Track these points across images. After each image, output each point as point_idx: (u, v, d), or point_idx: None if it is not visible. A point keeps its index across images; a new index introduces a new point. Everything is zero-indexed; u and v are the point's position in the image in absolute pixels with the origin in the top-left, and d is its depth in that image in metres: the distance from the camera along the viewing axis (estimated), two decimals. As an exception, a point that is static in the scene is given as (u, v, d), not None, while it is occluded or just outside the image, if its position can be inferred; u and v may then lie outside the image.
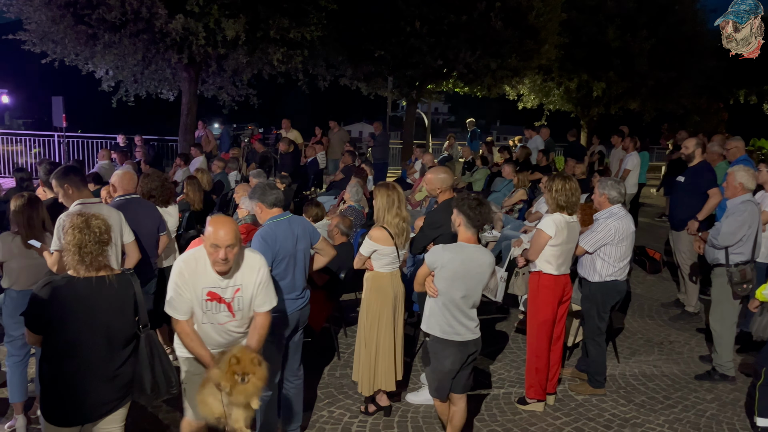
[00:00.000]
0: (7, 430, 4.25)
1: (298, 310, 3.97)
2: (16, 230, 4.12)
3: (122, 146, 13.45)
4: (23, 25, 11.60)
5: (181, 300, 3.15)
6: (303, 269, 4.00)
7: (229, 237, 3.00)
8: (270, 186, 3.92)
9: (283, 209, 3.99)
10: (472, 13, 13.76)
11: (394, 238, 4.23)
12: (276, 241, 3.76)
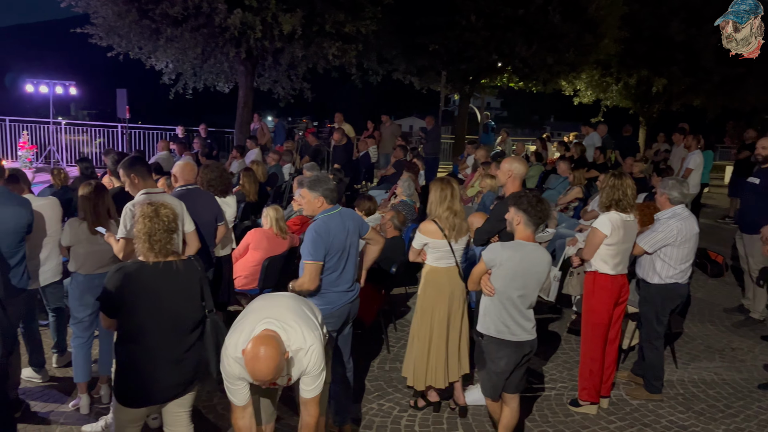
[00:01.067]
0: (72, 408, 4.45)
1: (348, 303, 3.99)
2: (83, 217, 4.29)
3: (181, 137, 13.82)
4: (90, 19, 12.09)
5: (240, 387, 2.91)
6: (354, 262, 4.01)
7: (270, 377, 2.65)
8: (325, 178, 3.94)
9: (335, 202, 4.01)
10: (529, 6, 13.55)
11: (444, 231, 4.18)
12: (329, 234, 3.78)
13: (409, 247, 4.95)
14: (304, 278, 3.74)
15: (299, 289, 3.76)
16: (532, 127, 62.13)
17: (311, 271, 3.72)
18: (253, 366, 2.61)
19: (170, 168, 10.25)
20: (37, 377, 4.81)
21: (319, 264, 3.74)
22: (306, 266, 3.75)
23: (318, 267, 3.74)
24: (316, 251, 3.72)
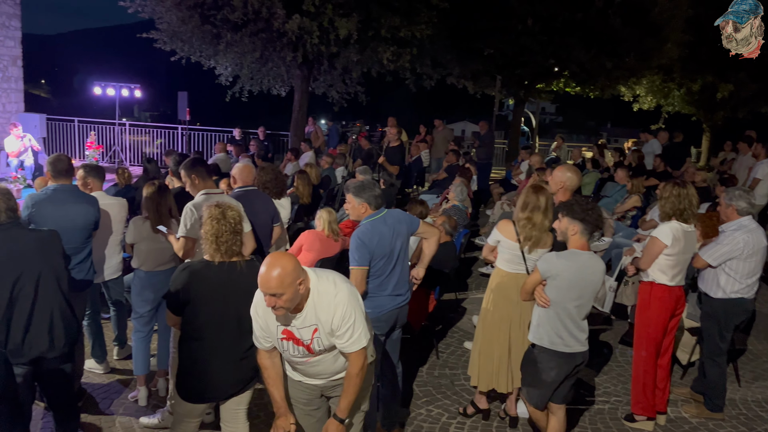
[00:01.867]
0: (131, 399, 4.61)
1: (396, 307, 3.96)
2: (146, 215, 4.46)
3: (238, 140, 14.16)
4: (155, 24, 12.55)
5: (260, 332, 2.92)
6: (402, 266, 3.97)
7: (271, 284, 2.58)
8: (371, 185, 3.93)
9: (380, 207, 3.97)
10: (588, 10, 13.27)
11: (519, 236, 4.11)
12: (373, 240, 3.77)
13: (460, 253, 4.94)
14: (352, 283, 3.76)
15: None
16: (587, 132, 60.69)
17: (357, 277, 3.74)
18: (261, 271, 2.61)
19: (228, 169, 10.53)
20: (99, 368, 5.01)
21: (364, 269, 3.75)
22: (352, 272, 3.76)
23: (363, 272, 3.75)
24: (360, 257, 3.73)
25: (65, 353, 3.48)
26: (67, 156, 4.59)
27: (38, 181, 6.60)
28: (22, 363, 3.31)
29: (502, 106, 30.67)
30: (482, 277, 7.92)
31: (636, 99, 20.32)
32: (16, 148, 11.59)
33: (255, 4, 10.29)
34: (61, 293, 3.43)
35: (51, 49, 78.90)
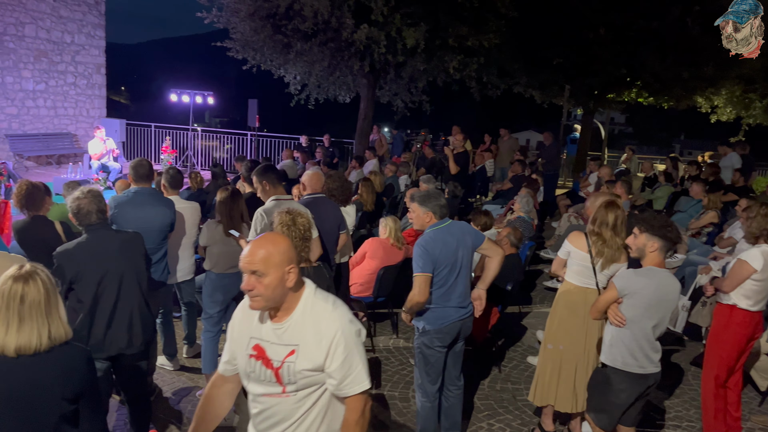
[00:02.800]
0: (198, 396, 4.77)
1: (459, 319, 3.93)
2: (218, 219, 4.61)
3: (305, 146, 14.44)
4: (229, 34, 13.00)
5: (229, 345, 2.37)
6: (465, 277, 3.94)
7: (255, 257, 2.10)
8: (436, 194, 3.94)
9: (445, 217, 3.97)
10: (664, 18, 12.82)
11: (591, 250, 4.01)
12: (436, 248, 3.77)
13: (525, 265, 4.83)
14: (414, 290, 3.77)
15: (410, 303, 3.79)
16: (659, 144, 58.43)
17: (420, 283, 3.74)
18: (247, 247, 2.16)
19: (294, 175, 10.76)
20: (169, 365, 5.21)
21: (427, 276, 3.74)
22: (415, 278, 3.77)
23: (426, 279, 3.74)
24: (424, 263, 3.73)
25: (142, 351, 3.64)
26: (147, 161, 4.81)
27: (119, 183, 6.94)
28: (102, 358, 3.48)
29: (569, 116, 30.02)
30: (547, 291, 7.75)
31: (714, 110, 19.43)
32: (98, 151, 12.24)
33: (325, 14, 10.49)
34: (141, 293, 3.59)
35: (131, 58, 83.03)
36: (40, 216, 4.27)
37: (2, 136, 14.37)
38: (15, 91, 14.75)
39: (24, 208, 4.22)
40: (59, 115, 16.13)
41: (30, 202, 4.20)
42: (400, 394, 4.99)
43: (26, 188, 4.23)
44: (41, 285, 2.21)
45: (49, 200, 4.42)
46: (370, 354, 5.68)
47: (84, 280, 3.38)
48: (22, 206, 4.21)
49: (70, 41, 16.09)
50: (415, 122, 27.98)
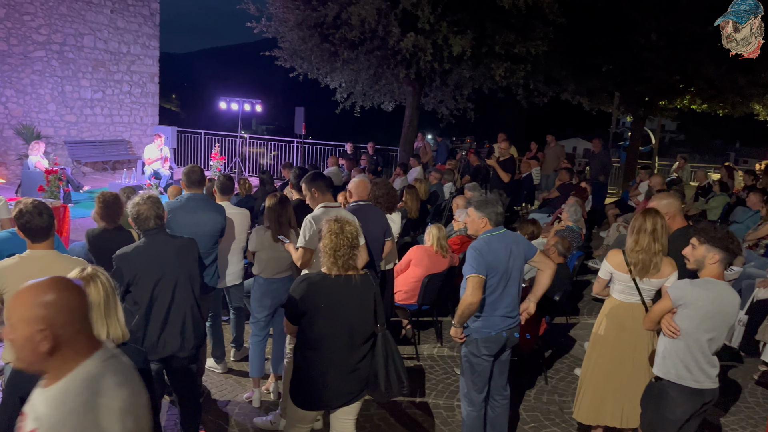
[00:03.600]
0: (245, 400, 4.84)
1: (507, 328, 3.90)
2: (267, 225, 4.69)
3: (350, 154, 14.55)
4: (278, 43, 13.25)
5: None
6: (515, 288, 3.92)
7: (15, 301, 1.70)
8: (495, 201, 3.91)
9: (500, 225, 3.96)
10: (720, 23, 12.41)
11: (629, 266, 3.92)
12: (489, 253, 3.76)
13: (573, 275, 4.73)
14: (466, 292, 3.74)
15: (463, 305, 3.76)
16: (712, 152, 56.47)
17: (473, 284, 3.72)
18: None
19: (339, 182, 10.86)
20: (218, 368, 5.31)
21: (480, 278, 3.72)
22: (468, 280, 3.75)
23: (480, 280, 3.72)
24: (477, 265, 3.72)
25: (193, 354, 3.73)
26: (199, 167, 4.94)
27: (171, 189, 7.13)
28: (155, 359, 3.58)
29: (618, 123, 29.39)
30: (595, 301, 7.58)
31: (771, 117, 18.71)
32: (153, 156, 12.63)
33: (372, 23, 10.58)
34: (194, 297, 3.68)
35: (181, 67, 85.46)
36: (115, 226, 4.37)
37: (62, 142, 14.98)
38: (74, 100, 15.37)
39: (102, 219, 4.32)
40: (115, 122, 16.72)
41: (108, 214, 4.31)
42: (444, 404, 4.96)
43: (107, 199, 4.33)
44: (101, 287, 2.27)
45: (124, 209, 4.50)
46: (413, 362, 5.67)
47: (141, 283, 3.48)
48: (101, 217, 4.32)
49: (126, 51, 16.68)
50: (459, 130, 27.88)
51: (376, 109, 16.01)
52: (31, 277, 3.03)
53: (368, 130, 33.50)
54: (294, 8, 11.89)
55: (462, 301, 3.77)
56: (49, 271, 3.00)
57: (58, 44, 14.70)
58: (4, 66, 13.48)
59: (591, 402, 4.13)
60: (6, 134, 13.79)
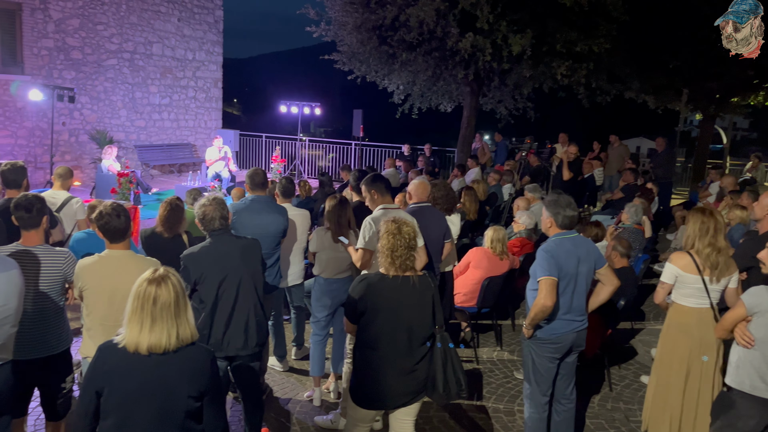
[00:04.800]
0: (306, 398, 4.92)
1: (573, 332, 3.84)
2: (327, 226, 4.75)
3: (407, 155, 14.57)
4: (336, 46, 13.41)
5: None
6: (583, 292, 3.85)
7: None
8: (566, 203, 3.83)
9: (569, 228, 3.88)
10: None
11: (700, 268, 3.77)
12: (558, 256, 3.71)
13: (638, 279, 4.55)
14: (540, 294, 3.68)
15: (536, 308, 3.70)
16: (789, 151, 53.33)
17: (546, 286, 3.67)
18: None
19: (397, 184, 10.89)
20: (279, 366, 5.42)
21: (553, 279, 3.66)
22: (540, 282, 3.70)
23: (553, 282, 3.66)
24: (548, 267, 3.68)
25: (256, 352, 3.82)
26: (262, 170, 5.06)
27: (235, 191, 7.33)
28: (220, 357, 3.69)
29: (686, 122, 28.23)
30: (662, 307, 7.31)
31: None
32: (214, 158, 13.04)
33: (430, 24, 10.56)
34: (257, 297, 3.77)
35: (242, 72, 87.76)
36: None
37: (132, 146, 15.66)
38: (143, 105, 16.03)
39: (163, 224, 4.47)
40: (181, 126, 17.34)
41: (169, 219, 4.46)
42: (505, 408, 4.90)
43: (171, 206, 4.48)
44: (172, 288, 2.35)
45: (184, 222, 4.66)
46: (472, 365, 5.62)
47: (207, 282, 3.60)
48: (162, 222, 4.47)
49: (192, 58, 17.28)
50: (518, 130, 27.47)
51: (433, 111, 15.96)
52: (109, 276, 3.22)
53: (424, 132, 33.47)
54: (353, 11, 12.01)
55: (535, 303, 3.72)
56: (125, 270, 3.17)
57: (129, 52, 15.37)
58: (79, 74, 14.20)
59: (660, 412, 3.99)
60: (81, 139, 14.51)
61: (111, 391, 2.30)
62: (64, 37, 13.73)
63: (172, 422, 2.35)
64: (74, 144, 14.38)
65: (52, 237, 4.66)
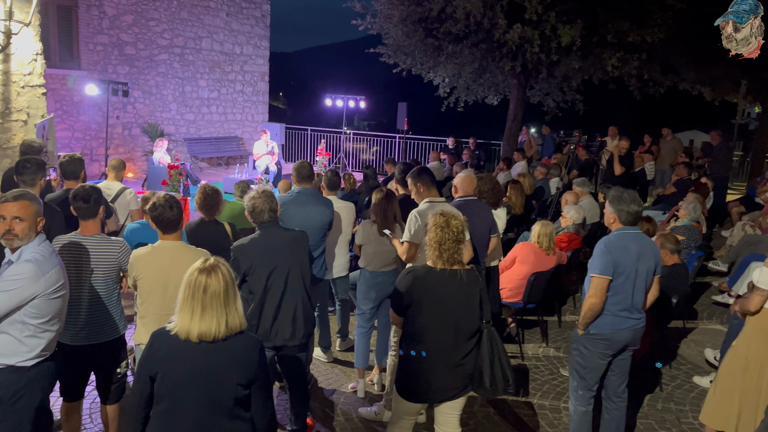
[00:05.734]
0: (350, 390, 4.96)
1: (629, 329, 3.76)
2: (373, 219, 4.76)
3: (451, 149, 14.46)
4: (382, 39, 13.38)
5: None
6: (642, 289, 3.77)
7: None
8: (630, 199, 3.74)
9: (632, 225, 3.79)
10: None
11: None
12: (618, 252, 3.65)
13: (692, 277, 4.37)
14: (589, 292, 3.67)
15: (586, 306, 3.65)
16: None
17: (597, 286, 3.65)
18: None
19: (441, 177, 10.83)
20: (324, 357, 5.48)
21: (605, 279, 3.63)
22: (592, 280, 3.68)
23: (605, 282, 3.64)
24: (603, 265, 3.63)
25: (303, 343, 3.87)
26: (308, 163, 5.10)
27: (282, 184, 7.42)
28: (269, 347, 3.75)
29: (744, 114, 27.11)
30: (716, 305, 7.07)
31: None
32: (261, 152, 13.23)
33: (477, 15, 10.40)
34: (305, 288, 3.82)
35: (288, 65, 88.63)
36: (211, 219, 4.66)
37: (182, 139, 16.04)
38: (192, 99, 16.39)
39: (201, 209, 4.63)
40: (228, 120, 17.66)
41: (207, 206, 4.61)
42: (550, 405, 4.83)
43: (208, 192, 4.62)
44: (221, 278, 2.40)
45: (222, 204, 4.83)
46: (518, 361, 5.56)
47: (256, 273, 3.66)
48: (200, 207, 4.63)
49: (240, 52, 17.56)
50: (566, 122, 26.89)
51: (479, 104, 15.76)
52: (162, 266, 3.30)
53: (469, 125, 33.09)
54: (398, 4, 11.94)
55: (585, 301, 3.67)
56: (177, 260, 3.25)
57: (180, 47, 15.73)
58: (132, 69, 14.61)
59: (721, 409, 3.84)
60: (134, 132, 14.95)
61: (164, 377, 2.37)
62: (118, 33, 14.14)
63: (221, 409, 2.40)
64: (127, 137, 14.82)
65: (107, 227, 4.82)
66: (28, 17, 6.40)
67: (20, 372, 2.79)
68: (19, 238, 2.78)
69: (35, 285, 2.72)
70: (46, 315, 2.81)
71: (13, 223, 2.77)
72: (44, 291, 2.76)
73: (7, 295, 2.68)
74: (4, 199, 2.80)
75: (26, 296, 2.71)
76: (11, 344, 2.76)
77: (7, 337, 2.75)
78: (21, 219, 2.78)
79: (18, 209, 2.78)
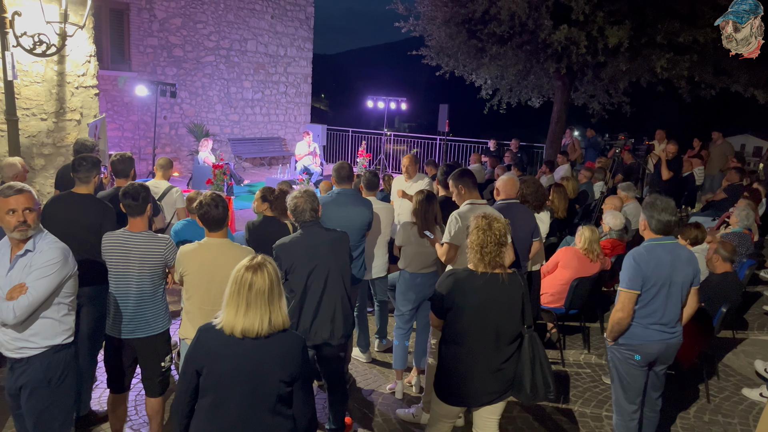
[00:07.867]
0: (388, 391, 4.96)
1: (662, 342, 3.64)
2: (413, 221, 4.76)
3: (492, 151, 14.33)
4: (425, 41, 13.38)
5: None
6: (677, 303, 3.63)
7: None
8: (663, 206, 3.62)
9: (665, 234, 3.67)
10: None
11: None
12: (648, 264, 3.52)
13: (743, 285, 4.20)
14: (616, 306, 3.62)
15: (613, 320, 3.60)
16: None
17: (624, 300, 3.58)
18: None
19: (482, 180, 10.73)
20: (362, 357, 5.50)
21: (633, 293, 3.55)
22: (620, 294, 3.61)
23: (632, 296, 3.56)
24: (631, 279, 3.54)
25: (342, 342, 3.89)
26: (348, 164, 5.13)
27: (323, 184, 7.48)
28: (309, 346, 3.78)
29: (800, 118, 25.98)
30: (766, 316, 6.82)
31: None
32: (303, 152, 13.37)
33: (522, 16, 10.29)
34: (344, 288, 3.84)
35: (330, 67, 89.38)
36: (272, 217, 4.76)
37: (226, 139, 16.35)
38: (237, 100, 16.70)
39: (273, 209, 4.81)
40: (272, 121, 17.93)
41: (281, 206, 4.75)
42: (591, 413, 4.73)
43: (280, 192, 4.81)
44: (267, 276, 2.43)
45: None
46: (558, 367, 5.47)
47: (297, 272, 3.70)
48: (274, 207, 4.81)
49: (283, 54, 17.80)
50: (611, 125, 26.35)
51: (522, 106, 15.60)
52: (207, 263, 3.38)
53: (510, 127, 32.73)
54: (442, 5, 11.92)
55: (612, 315, 3.60)
56: (223, 257, 3.32)
57: (225, 49, 16.04)
58: (180, 70, 14.97)
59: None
60: (180, 132, 15.31)
61: (209, 371, 2.42)
62: (167, 36, 14.51)
63: (264, 405, 2.43)
64: (174, 137, 15.19)
65: (154, 224, 4.95)
66: (82, 20, 6.61)
67: (64, 350, 3.09)
68: (32, 228, 2.98)
69: (67, 266, 3.02)
70: (75, 292, 3.14)
71: (25, 214, 2.94)
72: (73, 270, 3.07)
73: (48, 280, 2.92)
74: (10, 193, 2.95)
75: (63, 277, 2.99)
76: (53, 326, 3.03)
77: (47, 321, 3.01)
78: (31, 209, 2.97)
79: (26, 200, 2.96)
